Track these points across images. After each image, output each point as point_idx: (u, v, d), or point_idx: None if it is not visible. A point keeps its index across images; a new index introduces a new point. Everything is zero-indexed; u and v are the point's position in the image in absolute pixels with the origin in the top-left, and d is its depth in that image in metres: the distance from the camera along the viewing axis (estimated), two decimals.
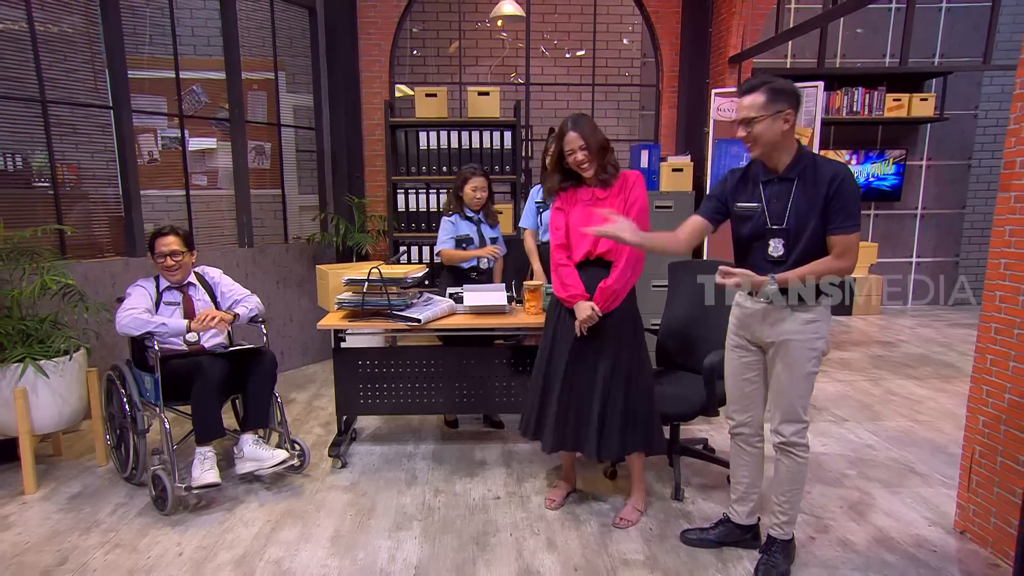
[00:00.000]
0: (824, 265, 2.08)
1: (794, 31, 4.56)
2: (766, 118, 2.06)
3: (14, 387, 2.86)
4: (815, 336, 2.15)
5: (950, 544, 2.49)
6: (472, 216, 3.61)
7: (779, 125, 2.06)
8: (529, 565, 2.36)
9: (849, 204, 2.05)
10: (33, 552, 2.46)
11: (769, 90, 2.05)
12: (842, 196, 2.04)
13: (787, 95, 2.06)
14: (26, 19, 3.38)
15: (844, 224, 2.05)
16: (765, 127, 2.07)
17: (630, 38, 7.28)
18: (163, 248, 2.94)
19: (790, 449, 2.24)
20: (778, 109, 2.05)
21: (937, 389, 4.36)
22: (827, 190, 2.05)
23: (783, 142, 2.10)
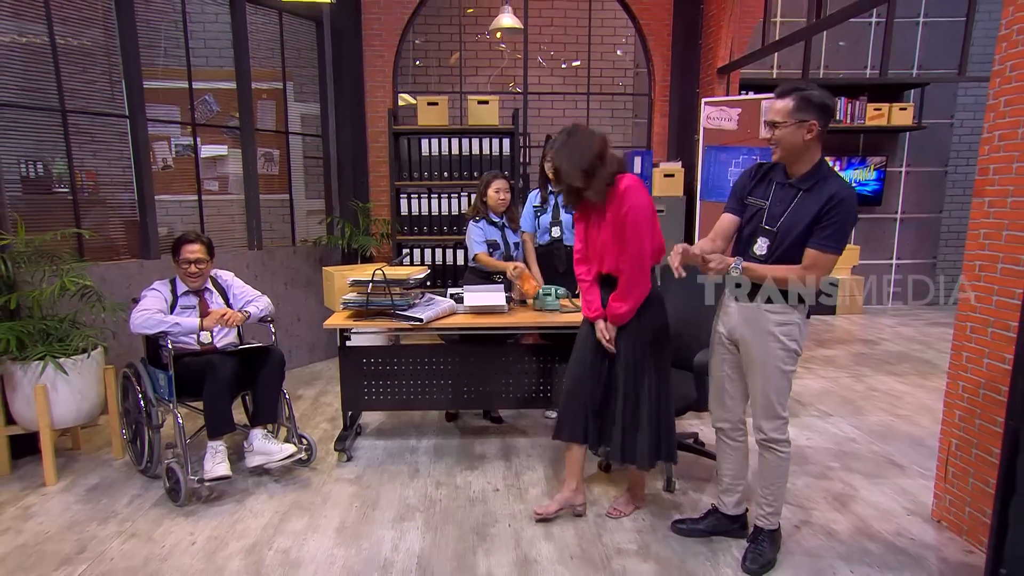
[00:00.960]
0: (789, 271, 2.08)
1: (780, 43, 4.58)
2: (790, 125, 2.04)
3: (35, 384, 2.86)
4: (787, 337, 2.15)
5: (928, 532, 2.51)
6: (497, 221, 3.57)
7: (802, 133, 2.04)
8: (527, 554, 2.37)
9: (837, 225, 2.02)
10: (54, 541, 2.47)
11: (799, 98, 2.03)
12: (834, 215, 2.01)
13: (816, 107, 2.02)
14: (47, 33, 3.39)
15: (825, 242, 2.03)
16: (788, 133, 2.05)
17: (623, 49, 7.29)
18: (188, 255, 2.94)
19: (771, 445, 2.25)
20: (803, 118, 2.03)
21: (916, 385, 4.38)
22: (823, 205, 2.03)
23: (805, 151, 2.08)
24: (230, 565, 2.31)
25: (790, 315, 2.14)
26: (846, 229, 2.04)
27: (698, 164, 4.76)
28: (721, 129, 4.56)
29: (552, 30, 7.15)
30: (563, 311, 3.25)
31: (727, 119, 4.53)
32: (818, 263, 2.05)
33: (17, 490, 2.89)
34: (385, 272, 3.05)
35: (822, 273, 2.06)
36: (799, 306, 2.15)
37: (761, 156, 4.39)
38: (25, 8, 3.36)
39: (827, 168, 2.12)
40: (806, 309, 2.18)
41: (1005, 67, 2.22)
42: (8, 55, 3.32)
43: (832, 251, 2.04)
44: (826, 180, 2.07)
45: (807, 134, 2.04)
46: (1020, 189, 2.17)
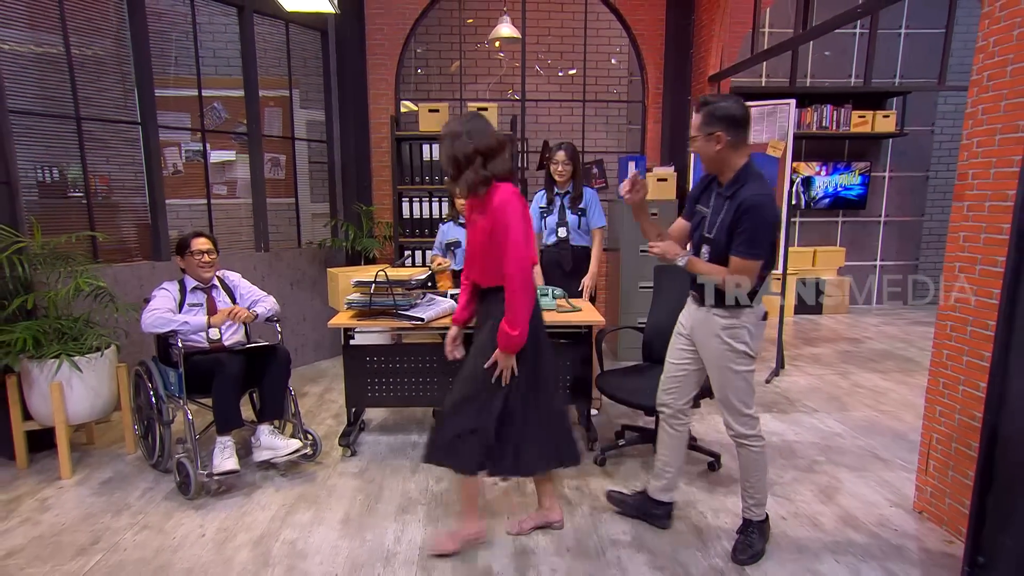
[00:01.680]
0: (720, 273, 2.12)
1: (768, 53, 4.59)
2: (700, 138, 2.09)
3: (51, 381, 2.86)
4: (734, 340, 2.17)
5: (909, 523, 2.52)
6: (464, 222, 3.64)
7: (712, 145, 2.08)
8: (524, 545, 2.37)
9: (748, 233, 2.03)
10: (69, 532, 2.47)
11: (705, 112, 2.08)
12: (743, 222, 2.04)
13: (720, 119, 2.05)
14: (63, 43, 3.39)
15: (739, 248, 2.05)
16: (700, 145, 2.11)
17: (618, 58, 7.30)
18: (199, 247, 2.97)
19: (743, 441, 2.27)
20: (710, 131, 2.07)
21: (899, 382, 4.39)
22: (735, 213, 2.06)
23: (723, 160, 2.11)
24: (238, 556, 2.31)
25: (736, 318, 2.16)
26: (758, 235, 2.02)
27: (690, 168, 4.77)
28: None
29: (549, 39, 7.16)
30: (560, 311, 3.26)
31: None
32: (739, 269, 2.07)
33: (34, 483, 2.89)
34: (388, 273, 3.06)
35: (749, 277, 2.08)
36: (746, 309, 2.16)
37: None
38: (41, 19, 3.36)
39: (747, 175, 2.11)
40: (757, 312, 2.19)
41: (982, 77, 2.24)
42: (25, 64, 3.33)
43: (747, 257, 2.04)
44: (742, 187, 2.08)
45: (716, 145, 2.07)
46: (997, 193, 2.18)
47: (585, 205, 3.61)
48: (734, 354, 2.18)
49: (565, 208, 3.61)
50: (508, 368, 2.17)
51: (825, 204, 6.87)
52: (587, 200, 3.61)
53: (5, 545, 2.39)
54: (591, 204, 3.62)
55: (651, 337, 3.22)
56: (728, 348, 2.18)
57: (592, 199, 3.64)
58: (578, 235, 3.64)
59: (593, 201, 3.64)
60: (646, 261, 4.66)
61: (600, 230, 3.62)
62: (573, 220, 3.60)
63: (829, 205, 6.88)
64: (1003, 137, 2.16)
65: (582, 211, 3.60)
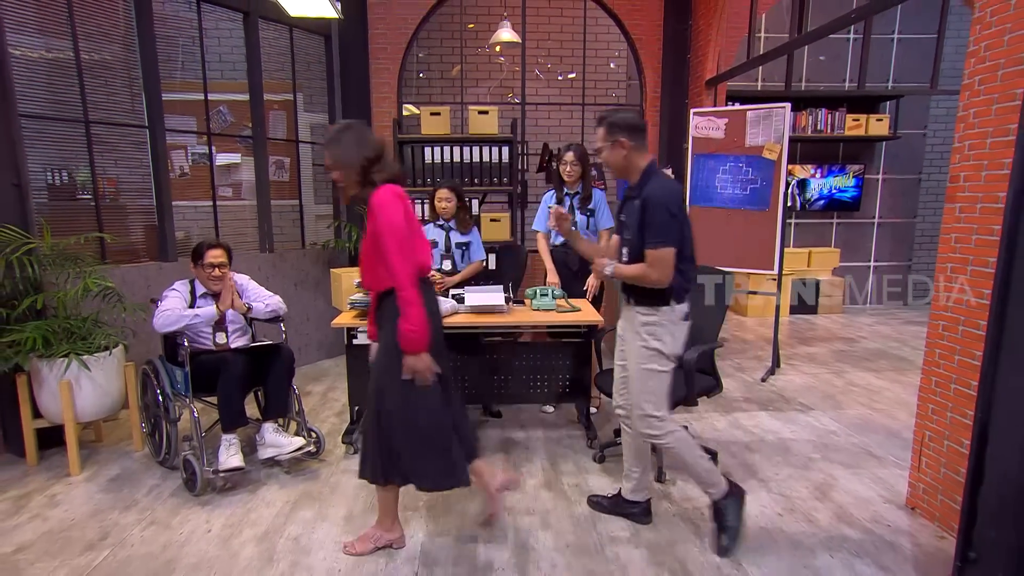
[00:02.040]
0: (640, 269, 2.17)
1: (764, 57, 4.60)
2: (606, 148, 2.22)
3: (60, 380, 2.87)
4: (651, 336, 2.21)
5: (902, 519, 2.52)
6: (443, 224, 3.68)
7: (618, 152, 2.20)
8: (525, 542, 2.38)
9: (655, 223, 2.12)
10: (78, 528, 2.48)
11: (607, 124, 2.21)
12: (648, 215, 2.14)
13: (621, 127, 2.19)
14: (72, 48, 3.39)
15: (650, 240, 2.14)
16: (607, 154, 2.23)
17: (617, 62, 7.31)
18: (212, 259, 2.95)
19: (648, 441, 2.30)
20: (614, 139, 2.19)
21: (892, 380, 4.40)
22: (641, 209, 2.15)
23: (628, 165, 2.23)
24: (244, 551, 2.32)
25: (655, 315, 2.21)
26: (665, 221, 2.12)
27: (687, 171, 4.78)
28: (709, 138, 4.58)
29: (549, 44, 7.16)
30: (559, 311, 3.27)
31: (715, 128, 4.55)
32: (653, 260, 2.14)
33: (44, 480, 2.90)
34: None
35: (663, 267, 2.14)
36: (664, 308, 2.20)
37: (747, 164, 4.41)
38: (52, 25, 3.37)
39: (650, 174, 2.22)
40: (678, 311, 2.23)
41: (974, 81, 2.24)
42: (36, 70, 3.33)
43: (657, 245, 2.13)
44: (645, 185, 2.19)
45: (622, 151, 2.20)
46: (988, 196, 2.19)
47: (594, 206, 3.61)
48: (648, 351, 2.23)
49: (574, 208, 3.62)
50: (424, 369, 2.08)
51: (820, 206, 6.88)
52: (596, 201, 3.62)
53: (15, 540, 2.39)
54: (600, 205, 3.63)
55: None
56: (643, 344, 2.23)
57: (601, 200, 3.65)
58: (586, 235, 3.63)
59: (602, 202, 3.64)
60: None
61: (608, 231, 3.63)
62: (581, 220, 3.61)
63: (824, 207, 6.89)
64: (994, 140, 2.16)
65: (591, 212, 3.61)
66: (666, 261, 2.13)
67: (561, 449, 3.22)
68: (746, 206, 4.45)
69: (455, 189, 3.67)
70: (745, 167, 4.42)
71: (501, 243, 4.89)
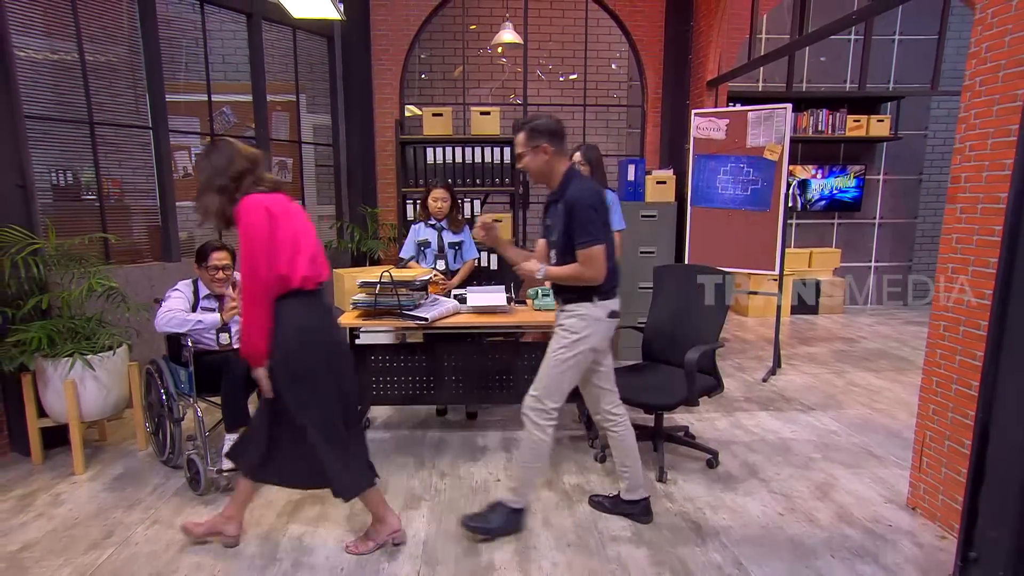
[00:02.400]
0: (573, 269, 2.22)
1: (765, 59, 4.59)
2: (528, 153, 2.24)
3: (65, 379, 2.87)
4: (569, 329, 2.27)
5: (903, 519, 2.52)
6: (435, 224, 3.69)
7: (541, 157, 2.24)
8: (527, 541, 2.38)
9: (580, 223, 2.17)
10: (83, 526, 2.48)
11: (529, 129, 2.26)
12: (573, 217, 2.18)
13: (542, 133, 2.23)
14: (77, 50, 3.40)
15: (579, 240, 2.19)
16: (529, 159, 2.26)
17: (618, 63, 7.31)
18: (216, 262, 2.96)
19: (525, 417, 2.32)
20: (535, 144, 2.23)
21: (893, 380, 4.39)
22: (566, 212, 2.20)
23: (550, 170, 2.28)
24: (247, 550, 2.32)
25: (576, 309, 2.28)
26: (592, 219, 2.17)
27: (688, 171, 4.78)
28: (710, 139, 4.58)
29: (551, 45, 7.17)
30: None
31: (716, 129, 4.55)
32: (585, 258, 2.19)
33: (48, 478, 2.91)
34: (392, 274, 3.07)
35: (596, 264, 2.19)
36: (588, 304, 2.26)
37: (748, 164, 4.40)
38: (57, 27, 3.38)
39: (570, 178, 2.27)
40: (602, 308, 2.28)
41: (975, 82, 2.24)
42: (41, 71, 3.34)
43: (589, 244, 2.17)
44: (566, 189, 2.24)
45: (544, 156, 2.24)
46: (989, 196, 2.18)
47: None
48: (557, 339, 2.29)
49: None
50: (261, 380, 2.06)
51: (821, 206, 6.87)
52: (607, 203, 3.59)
53: (21, 538, 2.40)
54: (611, 207, 3.59)
55: (650, 337, 3.22)
56: (563, 334, 2.29)
57: (613, 202, 3.60)
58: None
59: (614, 204, 3.60)
60: (645, 262, 4.67)
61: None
62: None
63: (825, 207, 6.88)
64: (995, 141, 2.16)
65: None
66: (598, 258, 2.19)
67: (562, 449, 3.22)
68: (747, 207, 4.44)
69: (449, 189, 3.69)
70: (746, 168, 4.42)
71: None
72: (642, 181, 4.83)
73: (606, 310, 2.29)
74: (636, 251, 4.75)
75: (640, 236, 4.74)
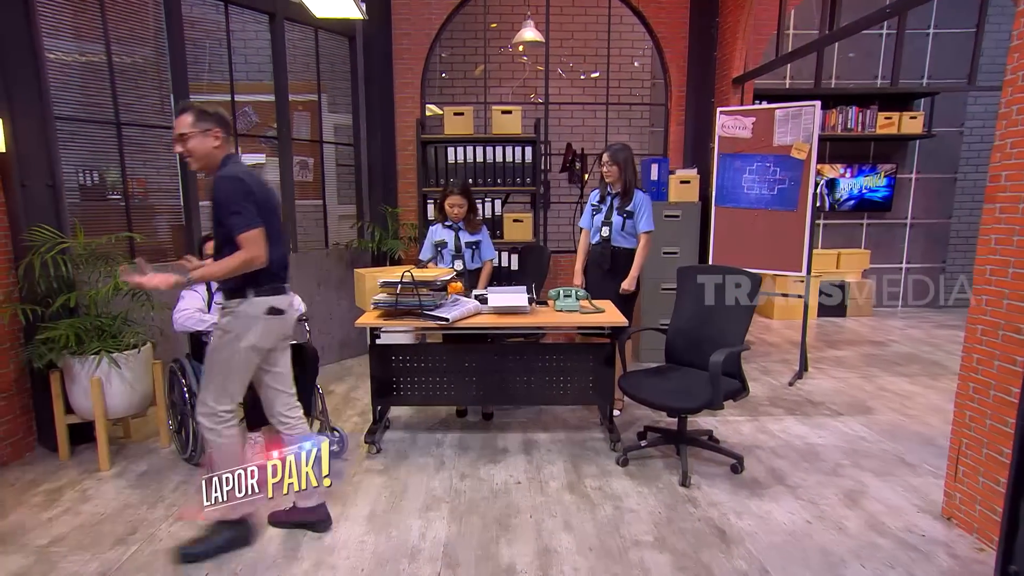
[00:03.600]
0: (233, 260, 2.13)
1: (793, 55, 4.52)
2: (197, 134, 2.18)
3: (91, 376, 2.94)
4: (223, 328, 2.23)
5: (937, 529, 2.46)
6: (452, 225, 3.71)
7: (210, 141, 2.20)
8: (547, 544, 2.37)
9: (226, 207, 2.12)
10: (108, 522, 2.54)
11: (196, 111, 2.19)
12: (217, 202, 2.15)
13: (211, 117, 2.20)
14: (105, 51, 3.48)
15: (232, 225, 2.12)
16: (197, 142, 2.19)
17: (641, 61, 7.26)
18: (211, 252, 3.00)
19: (200, 425, 2.29)
20: (207, 128, 2.18)
21: (926, 386, 4.29)
22: (212, 201, 2.16)
23: (214, 156, 2.22)
24: (269, 548, 2.35)
25: (230, 306, 2.24)
26: (233, 204, 2.11)
27: (713, 171, 4.72)
28: (735, 137, 4.52)
29: (572, 43, 7.14)
30: (583, 312, 3.26)
31: (741, 128, 4.49)
32: (244, 241, 2.12)
33: (75, 474, 2.97)
34: (413, 274, 3.08)
35: (254, 247, 2.12)
36: (241, 300, 2.22)
37: (774, 163, 4.34)
38: (86, 30, 3.46)
39: (227, 162, 2.24)
40: (258, 306, 2.23)
41: (1017, 77, 2.18)
42: (70, 73, 3.42)
43: (241, 229, 2.10)
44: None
45: (215, 141, 2.21)
46: None
47: (633, 208, 3.57)
48: (223, 338, 2.23)
49: (613, 208, 3.61)
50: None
51: (849, 206, 6.75)
52: (636, 203, 3.57)
53: (51, 532, 2.46)
54: (640, 207, 3.57)
55: (674, 338, 3.20)
56: (220, 331, 2.25)
57: (642, 203, 3.57)
58: (622, 237, 3.60)
59: (643, 204, 3.57)
60: (668, 262, 4.63)
61: (646, 235, 3.58)
62: (617, 221, 3.58)
63: (853, 207, 6.76)
64: None
65: (629, 213, 3.57)
66: (256, 241, 2.13)
67: (584, 451, 3.20)
68: (773, 207, 4.38)
69: (465, 193, 3.69)
70: (773, 167, 4.36)
71: (524, 244, 4.89)
72: (665, 181, 4.79)
73: (263, 307, 2.22)
74: (659, 252, 4.71)
75: (663, 236, 4.70)
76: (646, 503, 2.68)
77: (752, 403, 3.91)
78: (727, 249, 4.64)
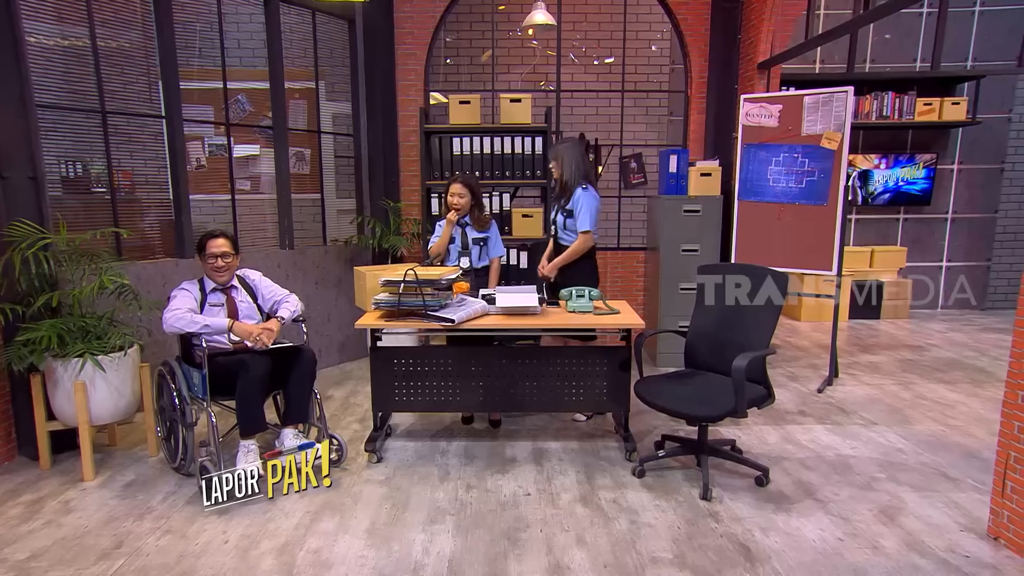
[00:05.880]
0: None
1: (824, 37, 4.48)
2: None
3: (75, 380, 2.95)
4: None
5: (983, 550, 2.42)
6: (458, 220, 3.72)
7: None
8: (559, 561, 2.36)
9: None
10: (92, 535, 2.55)
11: None
12: None
13: None
14: (89, 35, 3.50)
15: None
16: None
17: (659, 45, 7.22)
18: (214, 249, 3.02)
19: None
20: None
21: (969, 394, 4.23)
22: None
23: None
24: (262, 564, 2.35)
25: None
26: None
27: (736, 162, 4.69)
28: (761, 126, 4.49)
29: (585, 26, 7.12)
30: (597, 313, 3.24)
31: (767, 116, 4.46)
32: None
33: (57, 484, 2.99)
34: (417, 272, 3.08)
35: None
36: None
37: (803, 154, 4.30)
38: (69, 12, 3.48)
39: None
40: None
41: None
42: (52, 58, 3.44)
43: None
44: None
45: None
46: None
47: (572, 206, 3.59)
48: None
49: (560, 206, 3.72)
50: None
51: (884, 200, 6.68)
52: (575, 201, 3.58)
53: (30, 547, 2.47)
54: (578, 205, 3.57)
55: (694, 342, 3.17)
56: None
57: (580, 200, 3.56)
58: (566, 235, 3.69)
59: (580, 202, 3.55)
60: (687, 261, 4.60)
61: (583, 235, 3.57)
62: (560, 220, 3.69)
63: (889, 201, 6.69)
64: None
65: (568, 212, 3.62)
66: None
67: (597, 461, 3.19)
68: (801, 200, 4.34)
69: (469, 184, 3.68)
70: (801, 158, 4.32)
71: (534, 240, 4.88)
72: (685, 173, 4.76)
73: None
74: (677, 249, 4.68)
75: (682, 233, 4.67)
76: (664, 517, 2.66)
77: (778, 411, 3.87)
78: (751, 246, 4.61)
